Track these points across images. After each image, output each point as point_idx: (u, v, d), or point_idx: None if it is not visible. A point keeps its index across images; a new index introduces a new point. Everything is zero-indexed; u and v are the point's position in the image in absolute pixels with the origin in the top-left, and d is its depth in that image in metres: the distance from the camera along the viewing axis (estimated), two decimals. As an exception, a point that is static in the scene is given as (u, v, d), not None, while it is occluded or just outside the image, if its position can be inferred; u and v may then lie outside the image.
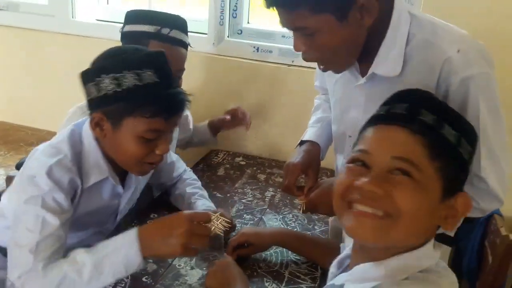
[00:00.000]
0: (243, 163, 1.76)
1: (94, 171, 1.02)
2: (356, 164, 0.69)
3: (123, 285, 0.99)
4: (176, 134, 1.46)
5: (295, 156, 1.15)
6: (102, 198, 1.07)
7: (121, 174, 1.08)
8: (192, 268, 1.07)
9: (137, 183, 1.17)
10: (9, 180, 1.27)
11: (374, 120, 0.73)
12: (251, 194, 1.49)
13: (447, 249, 1.47)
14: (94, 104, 0.95)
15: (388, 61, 0.93)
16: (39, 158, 0.97)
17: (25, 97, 2.08)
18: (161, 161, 1.04)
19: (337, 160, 1.22)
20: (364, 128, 0.74)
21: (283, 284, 1.04)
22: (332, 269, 0.82)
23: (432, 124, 0.66)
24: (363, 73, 1.00)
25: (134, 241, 0.89)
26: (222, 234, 1.06)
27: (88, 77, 0.94)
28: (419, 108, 0.67)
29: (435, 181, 0.65)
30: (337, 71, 1.01)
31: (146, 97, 0.91)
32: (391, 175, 0.65)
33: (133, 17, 1.32)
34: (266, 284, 1.04)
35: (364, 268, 0.69)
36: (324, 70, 1.00)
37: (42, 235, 0.90)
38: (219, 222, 1.07)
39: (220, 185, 1.53)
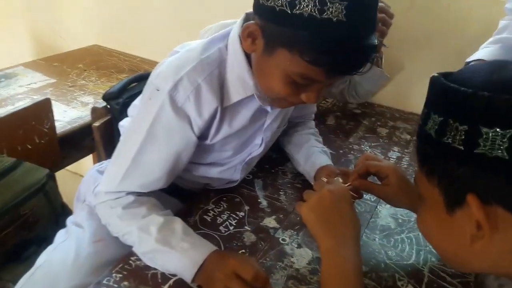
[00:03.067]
0: (357, 111, 1.45)
1: (237, 87, 0.80)
2: None
3: (214, 258, 0.79)
4: None
5: None
6: (244, 118, 0.86)
7: None
8: (299, 246, 0.84)
9: None
10: (94, 111, 1.11)
11: None
12: (370, 152, 1.19)
13: None
14: (257, 9, 0.70)
15: None
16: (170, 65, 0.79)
17: (121, 21, 1.93)
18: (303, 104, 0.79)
19: None
20: None
21: (423, 287, 0.77)
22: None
23: None
24: None
25: (196, 264, 0.72)
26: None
27: None
28: None
29: (431, 190, 0.51)
30: None
31: (315, 37, 0.63)
32: None
33: None
34: (399, 283, 0.77)
35: None
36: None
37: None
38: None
39: (330, 137, 1.25)
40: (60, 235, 0.88)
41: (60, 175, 1.41)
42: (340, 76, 0.77)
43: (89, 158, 1.60)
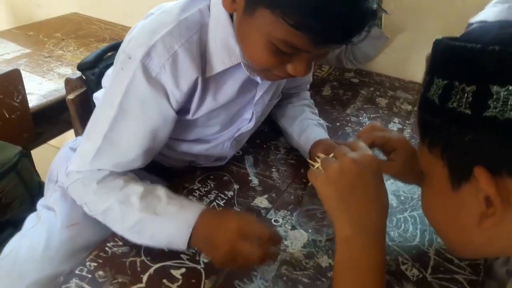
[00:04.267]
0: (355, 80, 1.36)
1: (221, 55, 0.70)
2: None
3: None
4: None
5: None
6: (231, 90, 0.76)
7: None
8: (293, 227, 0.77)
9: None
10: (68, 83, 1.01)
11: None
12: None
13: None
14: None
15: None
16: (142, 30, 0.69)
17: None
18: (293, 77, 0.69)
19: None
20: None
21: (429, 271, 0.70)
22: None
23: None
24: None
25: (189, 226, 0.66)
26: None
27: None
28: None
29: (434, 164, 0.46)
30: None
31: None
32: None
33: None
34: (403, 267, 0.70)
35: None
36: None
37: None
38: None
39: (326, 109, 1.17)
40: (30, 220, 0.80)
41: (42, 151, 1.33)
42: (331, 46, 0.65)
43: (72, 132, 1.51)
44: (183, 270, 0.67)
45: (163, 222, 0.66)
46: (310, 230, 0.76)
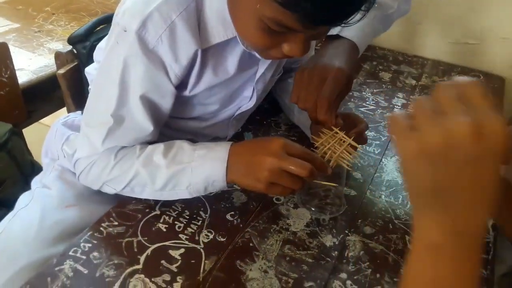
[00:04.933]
0: (357, 55, 1.31)
1: (216, 26, 0.66)
2: None
3: (199, 222, 0.69)
4: None
5: None
6: (231, 65, 0.72)
7: None
8: (295, 206, 0.74)
9: None
10: (58, 57, 0.97)
11: None
12: (372, 100, 1.07)
13: None
14: None
15: None
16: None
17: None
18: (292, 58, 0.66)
19: None
20: None
21: (436, 250, 0.68)
22: None
23: None
24: None
25: (223, 160, 0.64)
26: (347, 168, 0.68)
27: None
28: None
29: None
30: None
31: None
32: None
33: None
34: (410, 246, 0.68)
35: None
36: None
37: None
38: (344, 148, 0.69)
39: (328, 83, 1.12)
40: (23, 199, 0.77)
41: (35, 130, 1.29)
42: (323, 26, 0.59)
43: (65, 110, 1.46)
44: (182, 250, 0.64)
45: (196, 168, 0.65)
46: (313, 209, 0.73)
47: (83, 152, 0.70)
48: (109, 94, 0.66)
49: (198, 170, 0.65)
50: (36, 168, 1.09)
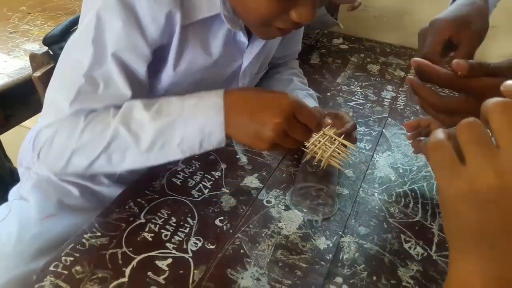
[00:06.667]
0: (344, 47, 1.29)
1: (200, 0, 0.61)
2: None
3: (187, 230, 0.66)
4: None
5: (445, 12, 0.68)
6: (214, 48, 0.67)
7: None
8: (286, 208, 0.71)
9: None
10: (33, 59, 0.92)
11: None
12: (361, 93, 1.05)
13: None
14: None
15: None
16: None
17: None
18: (296, 29, 0.62)
19: None
20: None
21: (433, 249, 0.66)
22: None
23: None
24: None
25: (219, 108, 0.56)
26: (339, 168, 0.66)
27: None
28: None
29: None
30: None
31: None
32: None
33: None
34: (406, 245, 0.66)
35: None
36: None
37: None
38: (335, 147, 0.67)
39: (315, 78, 1.10)
40: (0, 212, 0.73)
41: (15, 135, 1.24)
42: None
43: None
44: (170, 260, 0.61)
45: (187, 119, 0.57)
46: (305, 210, 0.70)
47: (46, 119, 0.62)
48: (82, 53, 0.59)
49: (191, 121, 0.57)
50: (16, 176, 1.04)
